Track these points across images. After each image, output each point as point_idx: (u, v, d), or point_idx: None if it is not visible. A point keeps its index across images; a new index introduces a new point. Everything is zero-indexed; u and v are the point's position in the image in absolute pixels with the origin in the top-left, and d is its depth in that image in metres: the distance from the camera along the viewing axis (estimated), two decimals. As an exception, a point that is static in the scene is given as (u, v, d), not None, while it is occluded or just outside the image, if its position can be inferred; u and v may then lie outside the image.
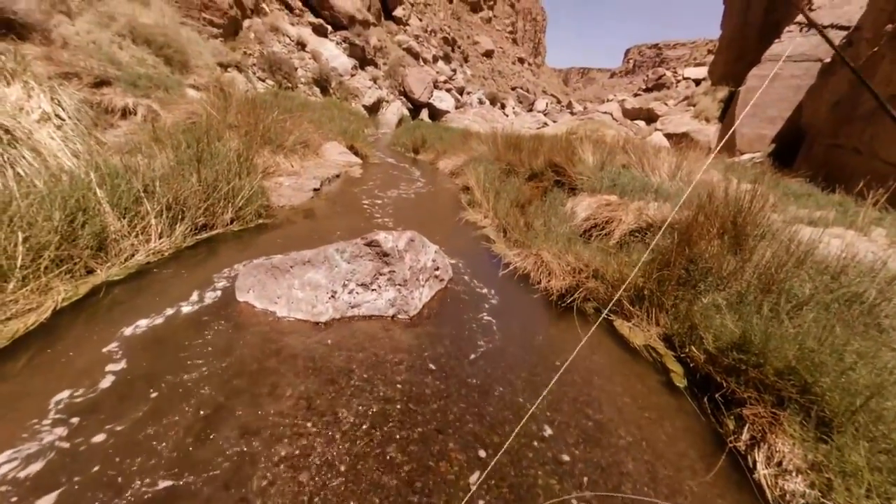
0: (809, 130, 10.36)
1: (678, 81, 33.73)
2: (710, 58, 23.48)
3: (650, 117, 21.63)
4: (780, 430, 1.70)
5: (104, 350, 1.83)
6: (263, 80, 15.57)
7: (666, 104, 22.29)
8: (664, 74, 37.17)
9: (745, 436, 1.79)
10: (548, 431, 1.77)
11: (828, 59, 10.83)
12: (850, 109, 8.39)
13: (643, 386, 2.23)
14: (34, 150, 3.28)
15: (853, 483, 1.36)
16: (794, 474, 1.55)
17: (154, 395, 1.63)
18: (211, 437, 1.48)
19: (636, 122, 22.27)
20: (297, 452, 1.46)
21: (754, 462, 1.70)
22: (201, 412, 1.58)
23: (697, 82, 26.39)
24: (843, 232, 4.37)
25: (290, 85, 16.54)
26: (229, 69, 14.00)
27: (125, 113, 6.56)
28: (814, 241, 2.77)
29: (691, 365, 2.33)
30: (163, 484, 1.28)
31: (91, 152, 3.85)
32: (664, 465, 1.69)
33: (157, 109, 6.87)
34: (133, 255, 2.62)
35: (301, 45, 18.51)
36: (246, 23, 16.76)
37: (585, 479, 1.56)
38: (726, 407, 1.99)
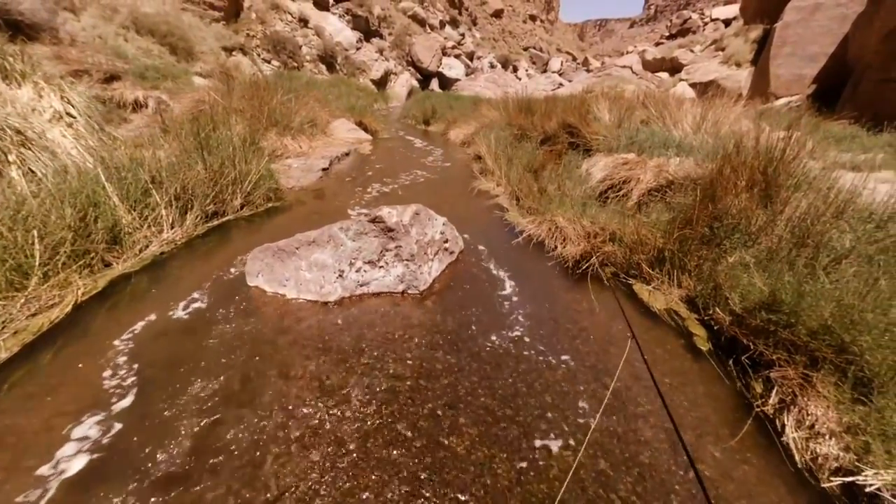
0: (857, 65, 9.38)
1: (706, 24, 31.09)
2: (742, -6, 21.32)
3: (674, 67, 20.15)
4: (813, 393, 1.59)
5: (125, 339, 1.89)
6: (269, 62, 15.37)
7: (692, 51, 20.64)
8: (690, 18, 34.30)
9: (773, 399, 1.70)
10: (563, 402, 1.72)
11: (879, -18, 9.59)
12: (905, 38, 7.49)
13: (663, 351, 2.14)
14: (47, 149, 3.36)
15: (894, 446, 1.26)
16: (826, 437, 1.45)
17: (172, 379, 1.68)
18: (225, 419, 1.51)
19: (658, 74, 20.82)
20: (309, 432, 1.48)
21: (783, 426, 1.61)
22: (215, 398, 1.61)
23: (727, 23, 24.22)
24: (894, 175, 3.99)
25: (295, 64, 16.27)
26: (234, 53, 13.87)
27: (136, 106, 6.63)
28: (856, 188, 2.52)
29: (715, 328, 2.21)
30: (173, 469, 1.32)
31: (106, 147, 3.92)
32: (685, 431, 1.63)
33: (167, 100, 6.91)
34: (147, 247, 2.68)
35: (303, 22, 18.04)
36: (246, 3, 16.40)
37: (600, 449, 1.52)
38: (753, 370, 1.88)
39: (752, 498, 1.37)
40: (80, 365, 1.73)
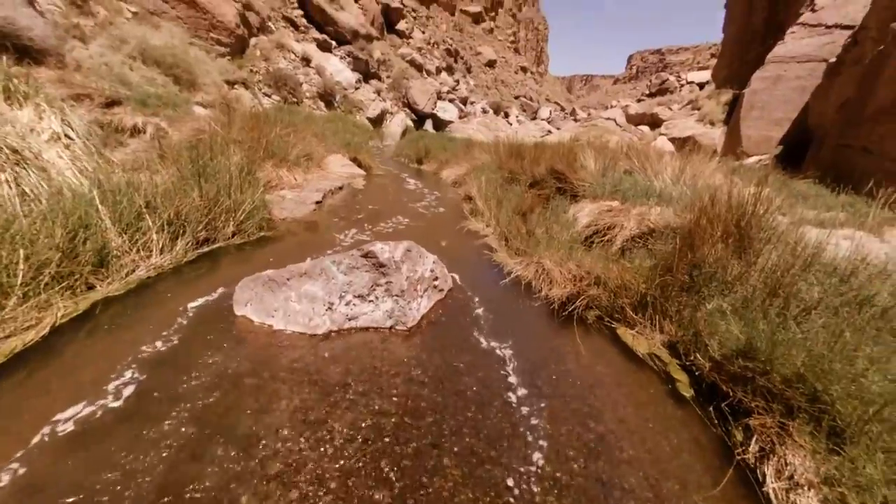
0: (817, 131, 10.22)
1: (682, 86, 33.65)
2: (714, 61, 23.41)
3: (654, 122, 21.55)
4: (790, 441, 1.63)
5: (101, 367, 1.83)
6: (269, 96, 15.89)
7: (670, 108, 22.21)
8: (667, 79, 37.13)
9: (753, 447, 1.72)
10: (547, 444, 1.71)
11: (833, 60, 10.71)
12: (859, 109, 8.26)
13: (647, 395, 2.17)
14: (42, 169, 3.36)
15: (868, 498, 1.29)
16: (805, 488, 1.48)
17: (150, 409, 1.62)
18: (202, 453, 1.46)
19: (640, 127, 22.21)
20: (288, 468, 1.44)
21: (763, 475, 1.62)
22: (193, 428, 1.56)
23: (701, 86, 26.30)
24: (854, 233, 4.27)
25: (295, 100, 16.85)
26: (236, 86, 14.33)
27: (134, 131, 6.72)
28: (821, 243, 2.69)
29: (697, 373, 2.26)
30: (148, 500, 1.26)
31: (100, 170, 3.94)
32: (668, 478, 1.63)
33: (165, 127, 7.03)
34: (134, 271, 2.65)
35: (306, 61, 18.89)
36: (252, 41, 17.18)
37: (584, 495, 1.50)
38: (734, 417, 1.92)
39: (735, 550, 1.37)
40: (48, 392, 1.66)
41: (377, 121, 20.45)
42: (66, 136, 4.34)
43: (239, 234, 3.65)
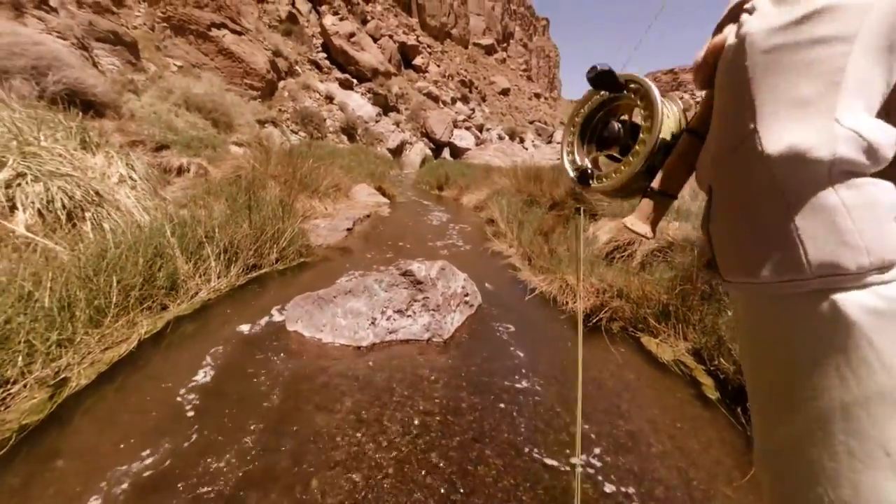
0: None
1: (696, 104, 33.69)
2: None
3: (671, 140, 21.61)
4: (813, 435, 1.72)
5: (180, 374, 2.11)
6: (296, 132, 16.95)
7: (686, 126, 22.26)
8: (682, 97, 37.32)
9: (778, 442, 1.81)
10: (582, 442, 1.86)
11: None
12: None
13: (674, 399, 2.28)
14: (117, 207, 3.84)
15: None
16: (829, 477, 1.56)
17: (223, 412, 1.87)
18: (273, 447, 1.68)
19: (657, 145, 22.29)
20: (350, 457, 1.64)
21: (790, 467, 1.71)
22: (262, 426, 1.80)
23: (717, 102, 26.26)
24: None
25: (319, 135, 17.90)
26: (266, 125, 15.41)
27: (180, 171, 7.39)
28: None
29: (722, 377, 2.36)
30: (228, 490, 1.49)
31: (158, 207, 4.42)
32: (697, 471, 1.74)
33: (206, 165, 7.69)
34: (197, 293, 2.98)
35: (329, 99, 20.14)
36: (281, 84, 18.52)
37: (618, 483, 1.63)
38: (759, 416, 2.00)
39: (764, 534, 1.46)
40: (147, 397, 1.94)
41: (397, 151, 21.33)
42: (130, 178, 4.90)
43: (281, 260, 4.00)
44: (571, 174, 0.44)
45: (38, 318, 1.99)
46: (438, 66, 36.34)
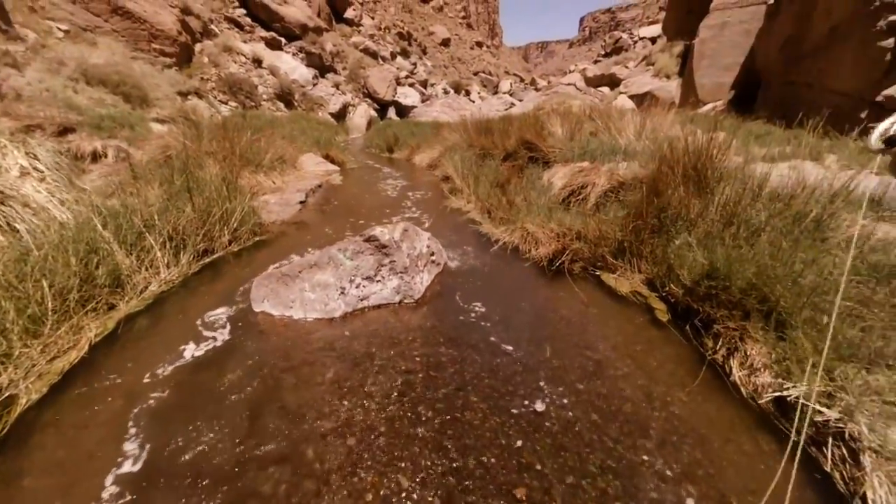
0: (764, 73, 10.76)
1: (635, 43, 34.16)
2: (663, 15, 23.85)
3: (613, 82, 21.97)
4: (749, 338, 1.97)
5: (145, 371, 2.00)
6: (226, 103, 15.40)
7: (626, 67, 22.64)
8: (621, 38, 37.56)
9: (720, 349, 2.07)
10: (553, 374, 2.01)
11: (771, 1, 11.19)
12: (798, 47, 8.76)
13: (633, 326, 2.49)
14: (25, 205, 3.38)
15: (805, 366, 1.63)
16: (761, 370, 1.82)
17: (201, 402, 1.82)
18: (261, 426, 1.68)
19: (600, 88, 22.60)
20: (340, 424, 1.68)
21: (730, 368, 1.97)
22: (247, 411, 1.77)
23: (653, 41, 26.81)
24: (800, 163, 4.71)
25: (253, 104, 16.39)
26: (189, 97, 13.84)
27: (95, 157, 6.57)
28: (766, 175, 3.05)
29: (672, 301, 2.60)
30: (225, 468, 1.48)
31: (79, 200, 3.94)
32: (657, 384, 1.95)
33: (127, 148, 6.88)
34: (147, 287, 2.77)
35: (257, 62, 18.27)
36: (197, 47, 16.47)
37: (590, 405, 1.80)
38: (704, 329, 2.26)
39: (715, 424, 1.71)
40: (112, 400, 1.83)
41: (340, 115, 20.12)
42: (35, 169, 4.29)
43: (235, 241, 3.77)
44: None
45: (-40, 337, 1.78)
46: (372, 18, 33.75)
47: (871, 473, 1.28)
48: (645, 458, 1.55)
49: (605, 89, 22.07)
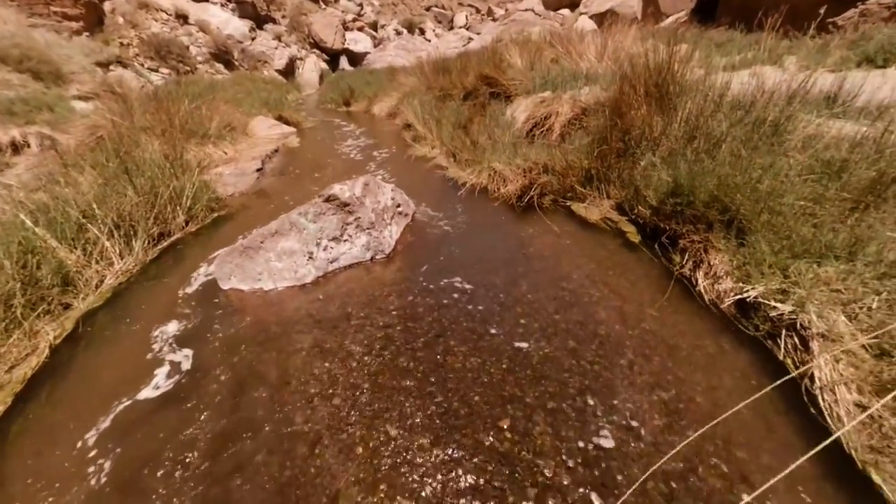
0: (723, -24, 10.27)
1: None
2: (619, -81, 21.97)
3: (573, 2, 20.73)
4: (712, 249, 2.03)
5: (117, 365, 1.94)
6: (156, 70, 13.87)
7: (585, -17, 21.24)
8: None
9: (687, 262, 2.13)
10: (531, 310, 2.05)
11: None
12: (756, -57, 8.31)
13: (605, 251, 2.53)
14: (-59, 209, 3.04)
15: (763, 268, 1.70)
16: (724, 277, 1.90)
17: (181, 383, 1.78)
18: (248, 396, 1.67)
19: (560, 11, 21.35)
20: (325, 386, 1.68)
21: (696, 279, 2.05)
22: (226, 389, 1.75)
23: (612, -50, 24.97)
24: (761, 68, 4.65)
25: (187, 68, 14.81)
26: (112, 67, 12.36)
27: (15, 147, 5.93)
28: (727, 84, 2.99)
29: (641, 223, 2.64)
30: (214, 469, 1.49)
31: (1, 198, 3.58)
32: (629, 304, 2.02)
33: (51, 134, 6.22)
34: (102, 281, 2.61)
35: (182, 18, 16.26)
36: (107, 6, 14.44)
37: (568, 334, 1.86)
38: (672, 245, 2.32)
39: (682, 333, 1.80)
40: (85, 400, 1.77)
41: (288, 71, 18.54)
42: (-55, 168, 3.83)
43: (192, 220, 3.55)
44: None
45: None
46: (305, -49, 29.93)
47: (818, 356, 1.38)
48: (619, 374, 1.63)
49: (566, 11, 20.85)
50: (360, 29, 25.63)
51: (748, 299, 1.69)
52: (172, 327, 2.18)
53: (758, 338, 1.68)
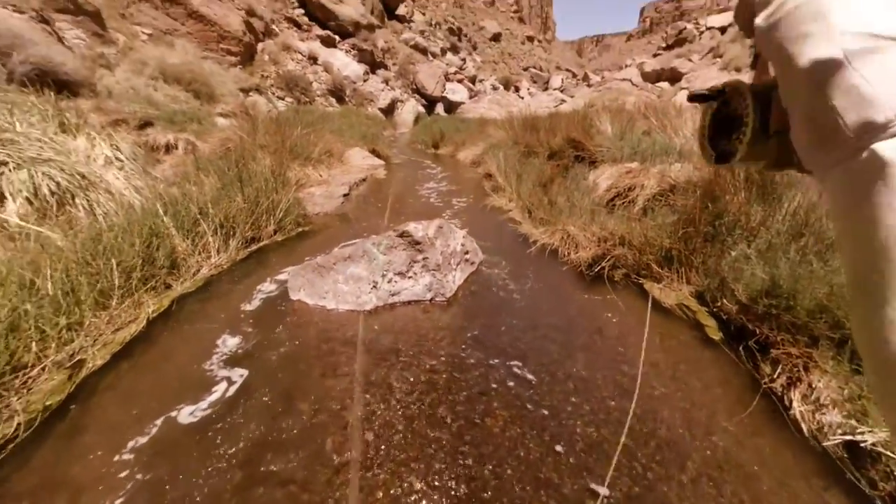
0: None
1: (701, 33, 31.63)
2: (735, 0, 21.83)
3: (674, 77, 20.54)
4: (815, 368, 1.74)
5: (192, 348, 2.16)
6: (283, 98, 16.26)
7: (690, 60, 21.06)
8: (685, 28, 34.96)
9: (779, 377, 1.85)
10: (585, 388, 1.90)
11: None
12: None
13: (677, 342, 2.31)
14: (107, 190, 3.77)
15: (885, 405, 1.40)
16: (830, 407, 1.60)
17: (237, 377, 1.92)
18: (288, 410, 1.74)
19: (658, 84, 21.23)
20: (361, 417, 1.70)
21: (790, 401, 1.75)
22: (276, 393, 1.85)
23: (723, 30, 24.66)
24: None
25: (307, 99, 17.18)
26: (251, 93, 14.76)
27: (167, 148, 7.20)
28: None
29: (724, 318, 2.37)
30: (250, 449, 1.55)
31: (149, 187, 4.33)
32: (699, 409, 1.79)
33: (194, 141, 7.47)
34: (199, 271, 2.98)
35: (313, 59, 19.11)
36: (259, 46, 17.51)
37: (620, 426, 1.69)
38: (761, 353, 2.03)
39: (764, 462, 1.53)
40: (162, 372, 1.99)
41: (388, 110, 20.55)
42: (116, 159, 4.77)
43: (280, 231, 3.96)
44: (712, 161, 0.51)
45: (43, 305, 2.01)
46: (423, 14, 34.04)
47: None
48: (677, 490, 1.42)
49: (665, 85, 20.68)
50: (460, 81, 27.81)
51: (863, 444, 1.40)
52: (243, 324, 2.39)
53: (874, 498, 1.36)
